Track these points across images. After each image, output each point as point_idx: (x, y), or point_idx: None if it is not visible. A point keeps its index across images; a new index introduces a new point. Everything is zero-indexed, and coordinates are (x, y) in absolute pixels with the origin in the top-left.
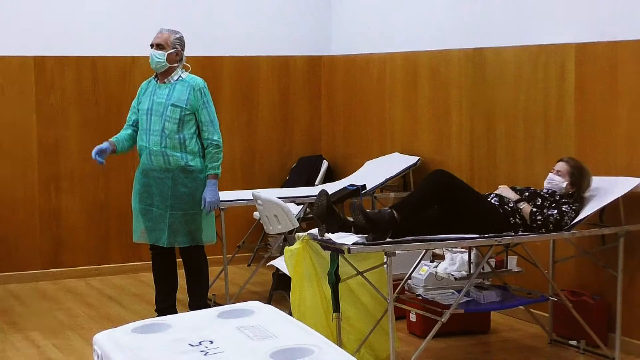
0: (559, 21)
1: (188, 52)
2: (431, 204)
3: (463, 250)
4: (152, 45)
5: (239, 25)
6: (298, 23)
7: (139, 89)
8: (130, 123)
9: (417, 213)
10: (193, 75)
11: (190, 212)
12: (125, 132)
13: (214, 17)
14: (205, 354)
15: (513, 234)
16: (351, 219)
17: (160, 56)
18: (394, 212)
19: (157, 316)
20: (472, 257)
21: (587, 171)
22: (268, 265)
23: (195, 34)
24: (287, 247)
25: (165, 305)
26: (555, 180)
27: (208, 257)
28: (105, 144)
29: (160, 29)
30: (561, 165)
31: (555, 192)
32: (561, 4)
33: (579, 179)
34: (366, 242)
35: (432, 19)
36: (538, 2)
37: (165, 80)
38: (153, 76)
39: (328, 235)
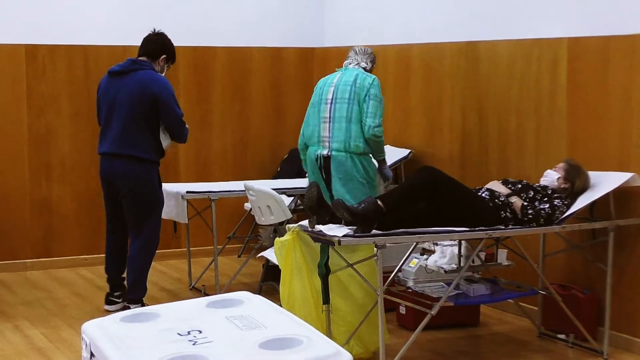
0: (552, 15)
1: (179, 42)
2: (419, 199)
3: (453, 243)
4: None
5: (231, 16)
6: (291, 15)
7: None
8: None
9: (403, 206)
10: None
11: None
12: None
13: (206, 7)
14: (194, 344)
15: (503, 227)
16: None
17: None
18: (379, 201)
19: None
20: (462, 250)
21: (584, 171)
22: (259, 257)
23: (187, 24)
24: (277, 238)
25: None
26: (550, 175)
27: (198, 248)
28: None
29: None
30: (561, 164)
31: (547, 186)
32: None
33: (574, 176)
34: (356, 235)
35: (425, 12)
36: None
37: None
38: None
39: (318, 227)
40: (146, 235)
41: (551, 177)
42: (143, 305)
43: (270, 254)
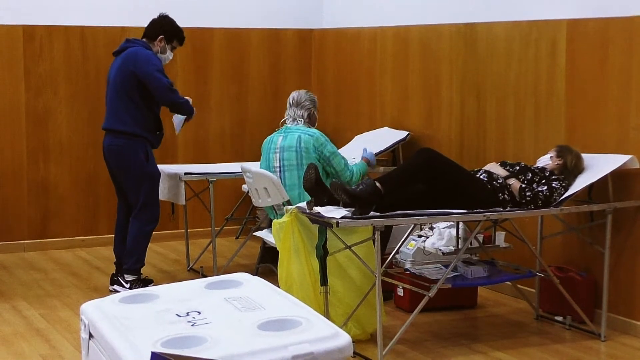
0: None
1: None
2: (417, 181)
3: (451, 225)
4: None
5: None
6: None
7: None
8: None
9: (401, 187)
10: None
11: None
12: None
13: None
14: (192, 325)
15: (501, 209)
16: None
17: None
18: (377, 182)
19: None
20: (460, 233)
21: (574, 149)
22: (255, 233)
23: (185, 5)
24: (275, 219)
25: None
26: (543, 158)
27: (196, 230)
28: None
29: None
30: (551, 150)
31: (545, 168)
32: None
33: (565, 153)
34: (354, 216)
35: None
36: None
37: None
38: None
39: (316, 209)
40: (138, 208)
41: (544, 158)
42: (139, 277)
43: (266, 234)
